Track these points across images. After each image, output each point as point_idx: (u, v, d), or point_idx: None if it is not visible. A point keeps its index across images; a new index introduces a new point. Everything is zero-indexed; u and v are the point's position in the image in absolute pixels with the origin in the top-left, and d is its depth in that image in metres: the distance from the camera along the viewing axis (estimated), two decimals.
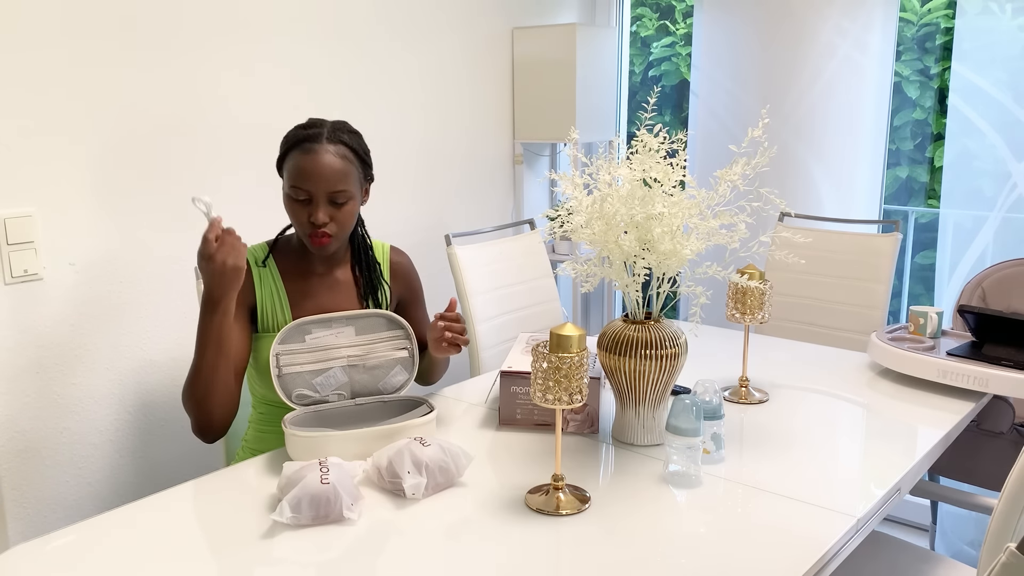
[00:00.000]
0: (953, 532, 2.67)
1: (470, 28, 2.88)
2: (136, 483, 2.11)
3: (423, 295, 1.84)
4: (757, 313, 1.75)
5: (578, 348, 1.24)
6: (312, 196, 1.54)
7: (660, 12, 3.76)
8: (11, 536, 1.89)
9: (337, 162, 1.55)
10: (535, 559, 1.17)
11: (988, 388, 1.75)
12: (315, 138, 1.55)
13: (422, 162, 2.78)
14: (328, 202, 1.55)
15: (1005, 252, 2.55)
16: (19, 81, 1.82)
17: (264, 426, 1.67)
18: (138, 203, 2.05)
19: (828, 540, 1.21)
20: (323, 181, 1.53)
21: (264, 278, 1.62)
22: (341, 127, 1.60)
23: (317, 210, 1.54)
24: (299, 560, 1.16)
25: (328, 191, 1.54)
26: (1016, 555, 0.82)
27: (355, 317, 1.61)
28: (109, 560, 1.16)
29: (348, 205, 1.57)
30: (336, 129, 1.58)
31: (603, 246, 1.51)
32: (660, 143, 1.47)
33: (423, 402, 1.60)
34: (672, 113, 3.73)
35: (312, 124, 1.58)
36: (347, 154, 1.57)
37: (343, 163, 1.55)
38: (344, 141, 1.57)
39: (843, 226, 2.60)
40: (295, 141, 1.56)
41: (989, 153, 2.55)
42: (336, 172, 1.54)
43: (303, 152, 1.54)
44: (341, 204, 1.56)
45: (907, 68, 3.18)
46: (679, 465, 1.39)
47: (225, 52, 2.18)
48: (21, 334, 1.87)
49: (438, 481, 1.35)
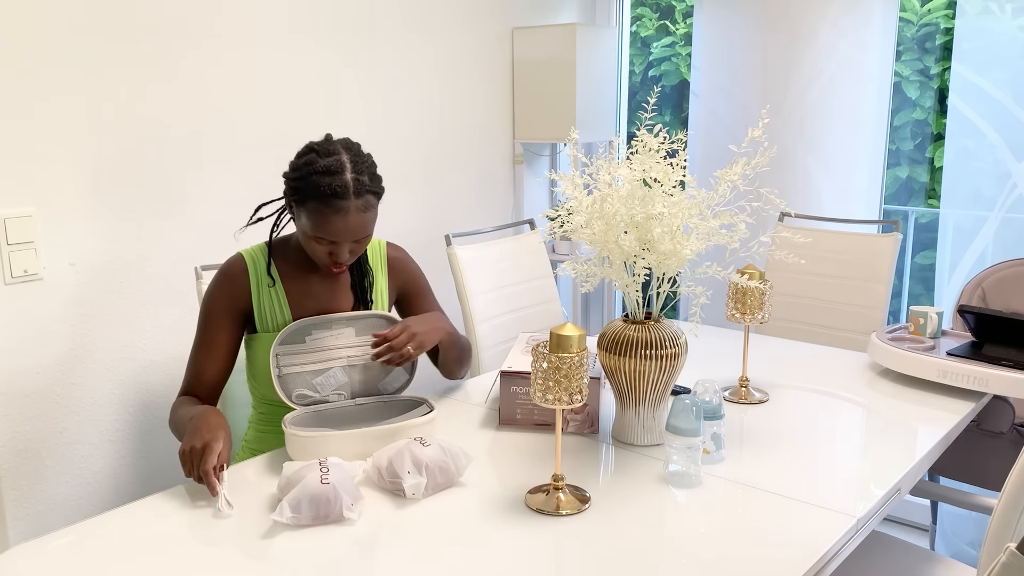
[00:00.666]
0: (953, 532, 2.67)
1: (470, 28, 2.88)
2: (136, 483, 2.11)
3: (429, 288, 1.81)
4: (757, 313, 1.75)
5: (578, 348, 1.24)
6: (337, 244, 1.54)
7: (660, 12, 3.76)
8: (11, 536, 1.90)
9: (364, 217, 1.52)
10: (535, 559, 1.17)
11: (988, 388, 1.75)
12: (342, 194, 1.48)
13: (422, 162, 2.78)
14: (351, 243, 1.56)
15: (1005, 252, 2.55)
16: (20, 81, 1.82)
17: (264, 426, 1.67)
18: (138, 203, 2.05)
19: (828, 540, 1.21)
20: (351, 235, 1.53)
21: (262, 280, 1.62)
22: (360, 167, 1.52)
23: (341, 254, 1.55)
24: (299, 560, 1.16)
25: (354, 240, 1.55)
26: (1016, 555, 0.82)
27: (355, 318, 1.61)
28: (109, 560, 1.16)
29: (367, 239, 1.58)
30: (358, 174, 1.51)
31: (603, 246, 1.51)
32: (660, 143, 1.47)
33: (423, 402, 1.60)
34: (672, 113, 3.73)
35: (332, 170, 1.49)
36: (370, 202, 1.53)
37: (368, 215, 1.53)
38: (368, 190, 1.52)
39: (843, 226, 2.60)
40: (318, 193, 1.48)
41: (989, 153, 2.55)
42: (363, 225, 1.53)
43: (331, 210, 1.49)
44: (362, 240, 1.57)
45: (907, 68, 3.18)
46: (679, 465, 1.39)
47: (226, 53, 2.18)
48: (21, 334, 1.87)
49: (438, 481, 1.35)
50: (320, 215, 1.50)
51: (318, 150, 1.53)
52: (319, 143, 1.55)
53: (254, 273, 1.61)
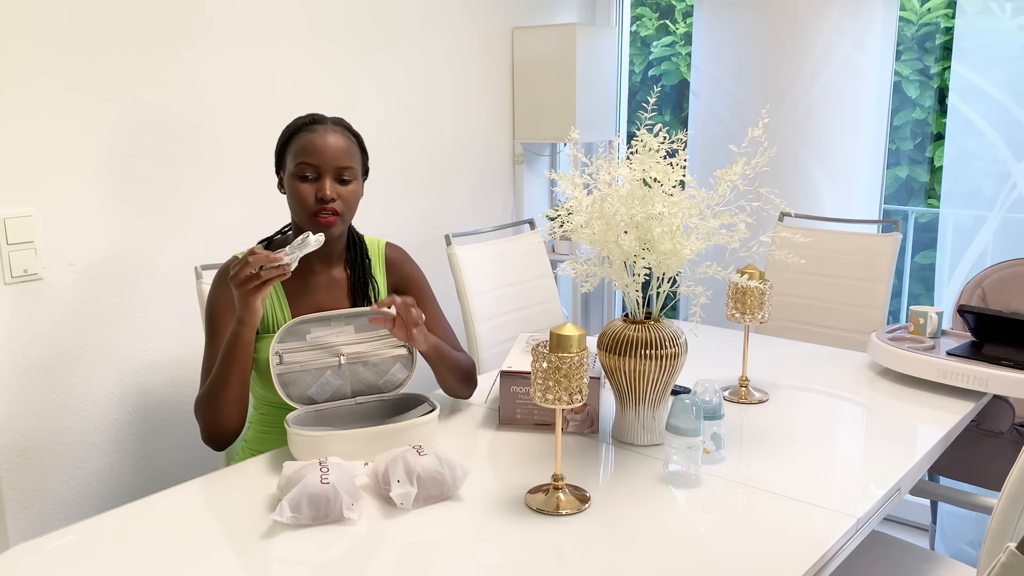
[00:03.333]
0: (953, 532, 2.67)
1: (470, 28, 2.88)
2: (136, 483, 2.11)
3: (430, 290, 1.79)
4: (757, 313, 1.75)
5: (578, 348, 1.24)
6: (319, 172, 1.58)
7: (660, 12, 3.76)
8: (11, 536, 1.90)
9: (342, 140, 1.61)
10: (535, 559, 1.17)
11: (988, 388, 1.75)
12: (319, 120, 1.62)
13: (422, 162, 2.78)
14: (335, 179, 1.59)
15: (1005, 252, 2.55)
16: (20, 81, 1.82)
17: (265, 426, 1.67)
18: (138, 203, 2.05)
19: (828, 540, 1.21)
20: (330, 156, 1.58)
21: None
22: (339, 119, 1.67)
23: (325, 186, 1.58)
24: (299, 560, 1.16)
25: (335, 166, 1.59)
26: (1016, 555, 0.82)
27: (354, 315, 1.61)
28: (109, 560, 1.16)
29: (352, 185, 1.62)
30: (336, 117, 1.66)
31: (603, 246, 1.51)
32: (660, 143, 1.47)
33: (424, 400, 1.59)
34: (672, 113, 3.73)
35: (311, 114, 1.65)
36: (349, 136, 1.64)
37: (347, 142, 1.62)
38: (345, 126, 1.66)
39: (843, 226, 2.60)
40: (297, 126, 1.62)
41: (989, 153, 2.55)
42: (342, 149, 1.60)
43: (309, 132, 1.60)
44: (347, 182, 1.61)
45: (907, 68, 3.18)
46: (679, 465, 1.39)
47: (226, 53, 2.18)
48: (21, 334, 1.87)
49: (431, 493, 1.32)
50: (299, 141, 1.60)
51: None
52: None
53: None
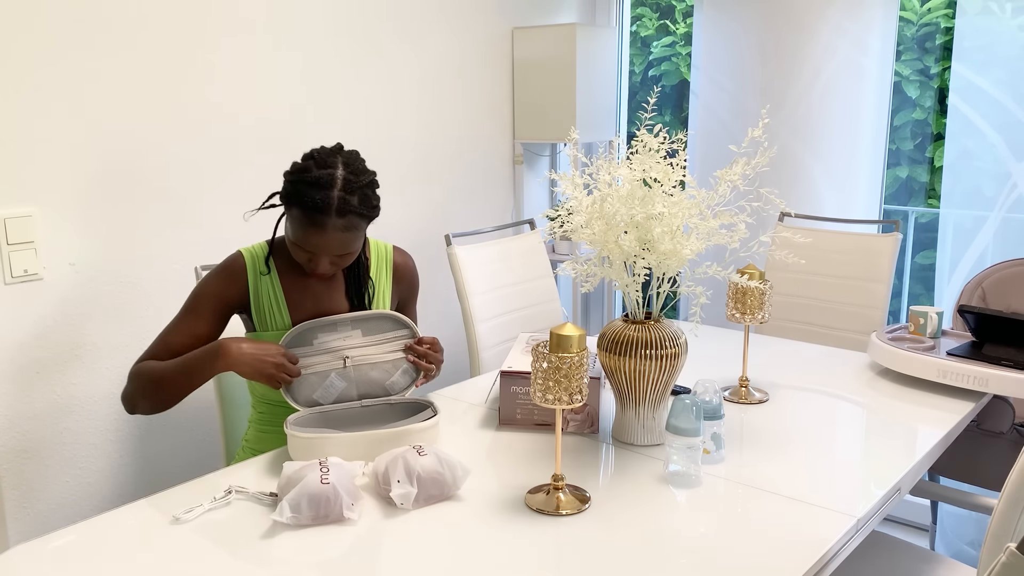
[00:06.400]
0: (953, 532, 2.67)
1: (470, 28, 2.88)
2: (136, 483, 2.11)
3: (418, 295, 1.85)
4: (757, 313, 1.75)
5: (578, 348, 1.24)
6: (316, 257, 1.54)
7: (660, 12, 3.75)
8: (11, 536, 1.90)
9: (345, 236, 1.51)
10: (535, 559, 1.17)
11: (988, 388, 1.75)
12: (324, 210, 1.47)
13: (422, 162, 2.78)
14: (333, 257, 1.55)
15: (1005, 252, 2.55)
16: (20, 81, 1.82)
17: (264, 426, 1.67)
18: (138, 203, 2.05)
19: (828, 540, 1.21)
20: (328, 252, 1.53)
21: (260, 278, 1.62)
22: (352, 187, 1.50)
23: (319, 265, 1.54)
24: (299, 560, 1.16)
25: (332, 256, 1.54)
26: (1016, 555, 0.83)
27: (360, 319, 1.61)
28: (109, 560, 1.16)
29: (350, 256, 1.57)
30: (347, 193, 1.49)
31: (603, 246, 1.51)
32: (660, 143, 1.47)
33: (428, 405, 1.59)
34: (672, 113, 3.73)
35: (322, 183, 1.48)
36: (355, 223, 1.51)
37: (350, 235, 1.52)
38: (353, 210, 1.49)
39: (843, 226, 2.60)
40: (303, 201, 1.47)
41: (989, 153, 2.55)
42: (342, 244, 1.52)
43: (311, 223, 1.48)
44: (345, 256, 1.56)
45: (907, 68, 3.18)
46: (679, 465, 1.39)
47: (226, 53, 2.18)
48: (21, 334, 1.87)
49: (431, 493, 1.32)
50: (301, 226, 1.50)
51: (316, 159, 1.52)
52: (320, 151, 1.53)
53: (253, 272, 1.61)
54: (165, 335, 1.58)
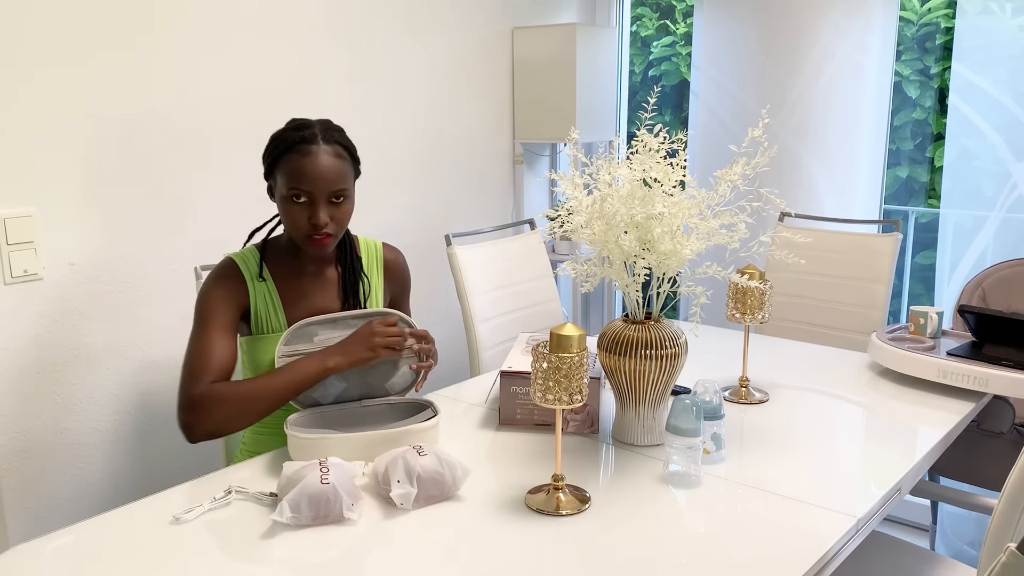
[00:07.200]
0: (953, 532, 2.67)
1: (470, 28, 2.88)
2: (136, 483, 2.11)
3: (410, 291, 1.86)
4: (757, 313, 1.75)
5: (578, 348, 1.24)
6: (312, 198, 1.54)
7: (660, 12, 3.75)
8: (11, 536, 1.90)
9: (335, 162, 1.55)
10: (535, 559, 1.17)
11: (988, 388, 1.75)
12: (310, 139, 1.54)
13: (422, 162, 2.78)
14: (328, 202, 1.56)
15: (1005, 252, 2.55)
16: (19, 81, 1.82)
17: (262, 428, 1.67)
18: (138, 203, 2.05)
19: (828, 540, 1.21)
20: (324, 182, 1.54)
21: (255, 280, 1.62)
22: (330, 125, 1.60)
23: (318, 212, 1.54)
24: (299, 560, 1.16)
25: (328, 191, 1.54)
26: (1016, 555, 0.82)
27: (360, 316, 1.61)
28: (109, 560, 1.16)
29: (345, 204, 1.58)
30: (328, 128, 1.59)
31: (603, 246, 1.51)
32: (660, 143, 1.47)
33: (428, 405, 1.59)
34: (672, 113, 3.73)
35: (302, 125, 1.58)
36: (342, 153, 1.58)
37: (340, 162, 1.56)
38: (338, 140, 1.58)
39: (843, 226, 2.60)
40: (289, 143, 1.55)
41: (989, 153, 2.55)
42: (335, 172, 1.55)
43: (301, 154, 1.54)
44: (340, 203, 1.57)
45: (907, 68, 3.18)
46: (679, 465, 1.39)
47: (225, 52, 2.18)
48: (21, 334, 1.87)
49: (431, 493, 1.32)
50: (292, 164, 1.54)
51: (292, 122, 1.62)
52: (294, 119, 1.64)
53: (247, 273, 1.61)
54: (204, 354, 1.51)
